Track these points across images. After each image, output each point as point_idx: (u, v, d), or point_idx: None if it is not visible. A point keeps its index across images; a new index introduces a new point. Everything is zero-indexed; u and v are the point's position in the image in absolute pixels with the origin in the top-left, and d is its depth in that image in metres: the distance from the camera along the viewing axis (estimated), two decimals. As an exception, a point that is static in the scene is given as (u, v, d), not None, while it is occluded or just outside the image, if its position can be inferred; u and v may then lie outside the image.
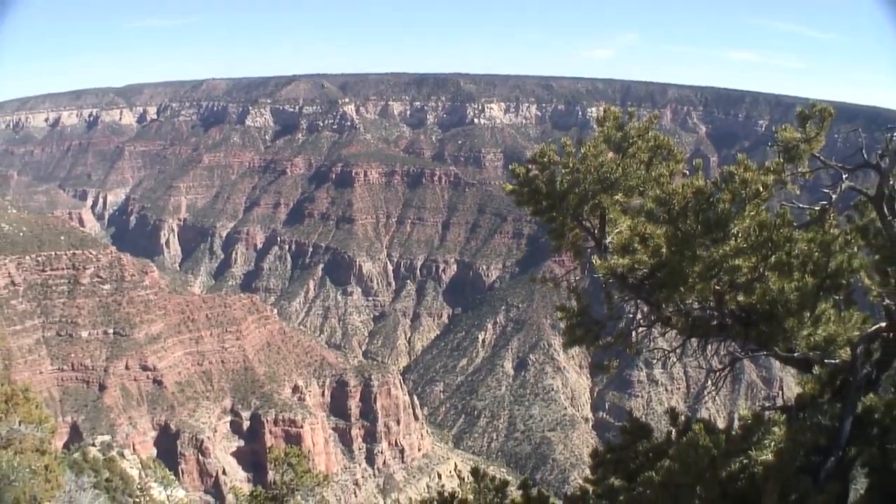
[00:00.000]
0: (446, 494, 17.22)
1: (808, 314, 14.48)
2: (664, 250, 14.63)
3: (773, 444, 15.04)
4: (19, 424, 22.00)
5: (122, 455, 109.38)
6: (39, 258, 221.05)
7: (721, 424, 16.45)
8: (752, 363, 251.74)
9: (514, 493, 17.15)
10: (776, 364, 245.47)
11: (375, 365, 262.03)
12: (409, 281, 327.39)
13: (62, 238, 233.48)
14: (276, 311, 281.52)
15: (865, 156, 13.81)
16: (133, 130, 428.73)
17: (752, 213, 14.10)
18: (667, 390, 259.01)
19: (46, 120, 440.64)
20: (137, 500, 73.06)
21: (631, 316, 16.05)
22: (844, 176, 14.16)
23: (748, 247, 14.24)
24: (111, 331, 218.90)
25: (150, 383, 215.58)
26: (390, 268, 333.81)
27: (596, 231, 15.99)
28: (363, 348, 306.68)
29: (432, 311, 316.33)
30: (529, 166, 16.32)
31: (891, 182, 13.74)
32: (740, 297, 14.96)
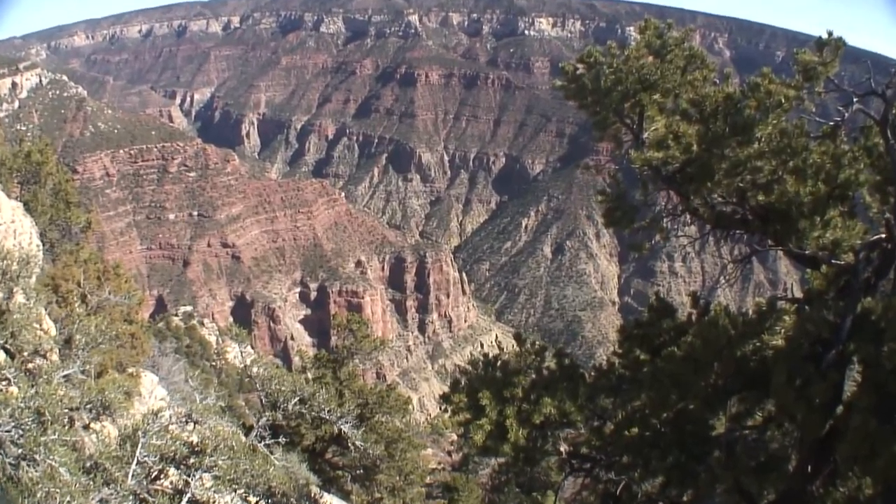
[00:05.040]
0: (491, 356, 17.23)
1: (819, 218, 14.29)
2: (695, 147, 14.45)
3: (783, 331, 15.04)
4: (109, 293, 22.05)
5: (201, 324, 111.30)
6: (132, 151, 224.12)
7: (734, 312, 16.42)
8: (761, 265, 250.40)
9: (550, 360, 17.16)
10: (782, 268, 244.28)
11: (430, 244, 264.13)
12: (462, 171, 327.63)
13: (153, 133, 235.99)
14: (343, 194, 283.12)
15: (873, 84, 13.54)
16: (218, 38, 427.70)
17: (775, 121, 13.88)
18: (685, 282, 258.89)
19: (140, 31, 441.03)
20: (214, 363, 74.19)
21: (663, 204, 15.96)
22: (855, 99, 13.86)
23: (769, 151, 14.06)
24: (195, 213, 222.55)
25: (228, 259, 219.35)
26: (446, 158, 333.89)
27: (634, 126, 15.75)
28: (420, 229, 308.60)
29: (482, 198, 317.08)
30: (577, 65, 16.07)
31: (893, 110, 13.47)
32: (760, 196, 14.76)
